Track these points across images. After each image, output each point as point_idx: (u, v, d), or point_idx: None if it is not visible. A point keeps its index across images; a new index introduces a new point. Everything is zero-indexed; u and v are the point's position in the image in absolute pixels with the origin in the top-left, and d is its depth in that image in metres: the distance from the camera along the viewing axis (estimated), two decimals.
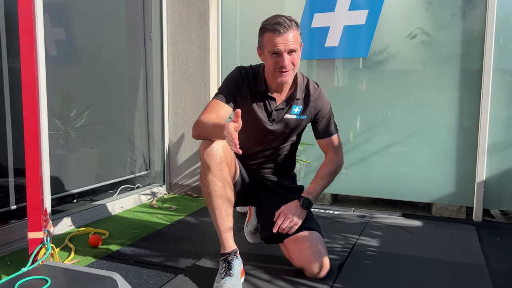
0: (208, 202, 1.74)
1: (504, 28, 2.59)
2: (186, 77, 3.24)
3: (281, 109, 1.89)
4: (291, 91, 1.89)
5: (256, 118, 1.88)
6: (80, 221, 2.53)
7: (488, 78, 2.62)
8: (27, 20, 1.65)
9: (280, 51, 1.71)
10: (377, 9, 2.83)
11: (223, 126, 1.50)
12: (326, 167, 1.94)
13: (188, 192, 3.30)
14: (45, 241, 1.74)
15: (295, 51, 1.73)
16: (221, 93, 1.86)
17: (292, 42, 1.71)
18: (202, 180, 1.72)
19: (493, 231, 2.52)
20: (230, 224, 1.76)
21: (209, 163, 1.68)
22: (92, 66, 2.88)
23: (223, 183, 1.71)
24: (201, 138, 1.75)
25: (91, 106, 2.87)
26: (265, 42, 1.74)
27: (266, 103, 1.88)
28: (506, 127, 2.64)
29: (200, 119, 1.75)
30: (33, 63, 1.65)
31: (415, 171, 2.88)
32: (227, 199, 1.73)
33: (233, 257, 1.72)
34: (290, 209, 1.82)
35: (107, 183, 3.06)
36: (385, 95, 2.89)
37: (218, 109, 1.83)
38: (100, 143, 3.00)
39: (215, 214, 1.73)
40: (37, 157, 1.69)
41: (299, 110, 1.89)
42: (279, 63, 1.72)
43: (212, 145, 1.68)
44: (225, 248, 1.74)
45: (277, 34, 1.69)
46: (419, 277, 1.83)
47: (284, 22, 1.69)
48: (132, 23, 3.23)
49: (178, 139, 3.31)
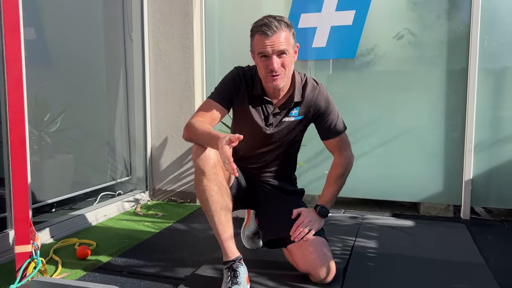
0: (206, 209, 1.66)
1: (488, 29, 2.64)
2: (169, 78, 3.12)
3: (278, 113, 1.82)
4: (289, 93, 1.81)
5: (254, 123, 1.81)
6: (62, 232, 2.37)
7: (474, 78, 2.67)
8: (12, 19, 1.51)
9: (268, 53, 1.64)
10: (364, 9, 2.83)
11: (217, 138, 1.47)
12: (334, 172, 1.90)
13: (173, 198, 3.18)
14: (33, 255, 1.60)
15: (285, 52, 1.65)
16: (217, 94, 1.79)
17: (282, 43, 1.63)
18: (198, 186, 1.64)
19: (483, 228, 2.56)
20: (231, 230, 1.69)
21: (203, 168, 1.60)
22: (67, 68, 2.72)
23: (219, 188, 1.63)
24: (191, 141, 1.67)
25: (67, 110, 2.71)
26: (254, 45, 1.68)
27: (263, 107, 1.81)
28: (492, 125, 2.70)
29: (192, 122, 1.66)
30: (19, 64, 1.52)
31: (403, 171, 2.89)
32: (225, 204, 1.65)
33: (238, 264, 1.64)
34: (310, 215, 1.78)
35: (87, 190, 2.90)
36: (373, 95, 2.89)
37: (212, 111, 1.75)
38: (77, 149, 2.83)
39: (214, 221, 1.65)
40: (25, 164, 1.55)
41: (297, 112, 1.83)
42: (268, 66, 1.65)
43: (204, 149, 1.61)
44: (228, 255, 1.66)
45: (264, 36, 1.62)
46: (427, 278, 1.82)
47: (271, 23, 1.62)
48: (110, 22, 3.09)
49: (161, 143, 3.19)
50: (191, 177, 3.16)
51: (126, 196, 3.03)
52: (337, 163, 1.90)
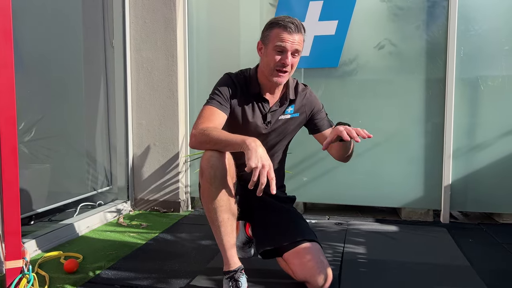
0: (213, 218, 1.63)
1: (465, 41, 2.77)
2: (151, 86, 3.08)
3: (275, 111, 1.85)
4: (283, 91, 1.86)
5: (251, 125, 1.82)
6: (45, 245, 2.28)
7: (452, 87, 2.78)
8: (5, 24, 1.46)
9: (286, 48, 1.67)
10: (347, 20, 2.89)
11: (242, 140, 1.49)
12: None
13: (156, 207, 3.12)
14: (25, 270, 1.53)
15: (298, 53, 1.71)
16: (215, 100, 1.78)
17: (299, 44, 1.69)
18: (206, 195, 1.61)
19: (463, 232, 2.65)
20: (234, 240, 1.67)
21: (213, 176, 1.58)
22: (43, 75, 2.62)
23: (228, 197, 1.62)
24: (202, 149, 1.65)
25: (43, 118, 2.61)
26: (272, 37, 1.69)
27: (260, 105, 1.83)
28: (469, 132, 2.81)
29: (204, 129, 1.64)
30: (11, 69, 1.46)
31: (385, 178, 2.96)
32: (232, 213, 1.64)
33: (239, 274, 1.63)
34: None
35: (67, 202, 2.80)
36: (356, 103, 2.95)
37: (216, 117, 1.74)
38: (55, 158, 2.73)
39: (220, 230, 1.63)
40: (16, 175, 1.49)
41: (292, 110, 1.87)
42: (281, 60, 1.68)
43: (216, 157, 1.58)
44: (230, 265, 1.65)
45: (288, 31, 1.66)
46: (419, 283, 1.86)
47: (297, 23, 1.67)
48: (90, 28, 3.02)
49: (143, 151, 3.13)
50: (174, 186, 3.11)
51: (108, 207, 2.95)
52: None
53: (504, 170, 2.78)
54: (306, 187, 3.07)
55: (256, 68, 1.84)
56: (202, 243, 2.41)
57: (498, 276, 1.94)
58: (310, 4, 2.93)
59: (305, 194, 3.07)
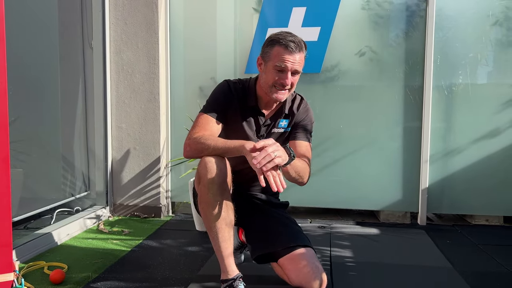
0: (210, 225, 1.62)
1: (441, 49, 2.88)
2: (132, 89, 3.01)
3: (269, 125, 1.86)
4: (279, 105, 1.87)
5: (245, 136, 1.82)
6: (25, 255, 2.18)
7: (429, 94, 2.88)
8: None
9: (286, 68, 1.68)
10: (329, 26, 2.94)
11: (242, 144, 1.51)
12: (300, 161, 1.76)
13: (136, 213, 3.05)
14: (16, 284, 1.46)
15: (298, 73, 1.72)
16: (211, 108, 1.77)
17: (300, 64, 1.70)
18: (203, 201, 1.60)
19: (440, 233, 2.76)
20: (232, 247, 1.67)
21: (211, 183, 1.57)
22: (15, 75, 2.50)
23: (226, 204, 1.61)
24: (199, 157, 1.63)
25: (15, 121, 2.49)
26: (272, 55, 1.70)
27: (255, 118, 1.84)
28: (445, 137, 2.93)
29: (199, 137, 1.63)
30: (4, 76, 1.40)
31: (364, 181, 3.03)
32: (229, 220, 1.64)
33: (238, 282, 1.63)
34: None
35: (44, 209, 2.69)
36: (337, 109, 3.01)
37: (211, 125, 1.73)
38: (28, 162, 2.61)
39: (217, 237, 1.62)
40: (8, 185, 1.42)
41: (286, 124, 1.88)
42: (281, 80, 1.69)
43: (214, 163, 1.58)
44: (228, 273, 1.64)
45: (288, 50, 1.66)
46: (408, 285, 1.92)
47: (298, 42, 1.67)
48: (67, 28, 2.92)
49: (123, 155, 3.06)
50: (155, 191, 3.06)
51: (86, 213, 2.86)
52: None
53: (476, 174, 2.92)
54: (288, 191, 3.07)
55: (255, 80, 1.84)
56: (189, 249, 2.38)
57: (481, 277, 2.02)
58: (294, 10, 2.96)
59: (286, 198, 3.08)
